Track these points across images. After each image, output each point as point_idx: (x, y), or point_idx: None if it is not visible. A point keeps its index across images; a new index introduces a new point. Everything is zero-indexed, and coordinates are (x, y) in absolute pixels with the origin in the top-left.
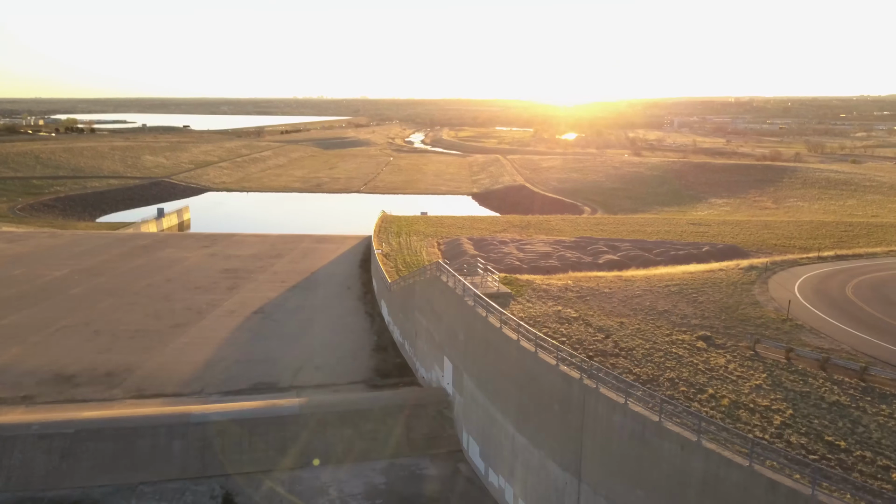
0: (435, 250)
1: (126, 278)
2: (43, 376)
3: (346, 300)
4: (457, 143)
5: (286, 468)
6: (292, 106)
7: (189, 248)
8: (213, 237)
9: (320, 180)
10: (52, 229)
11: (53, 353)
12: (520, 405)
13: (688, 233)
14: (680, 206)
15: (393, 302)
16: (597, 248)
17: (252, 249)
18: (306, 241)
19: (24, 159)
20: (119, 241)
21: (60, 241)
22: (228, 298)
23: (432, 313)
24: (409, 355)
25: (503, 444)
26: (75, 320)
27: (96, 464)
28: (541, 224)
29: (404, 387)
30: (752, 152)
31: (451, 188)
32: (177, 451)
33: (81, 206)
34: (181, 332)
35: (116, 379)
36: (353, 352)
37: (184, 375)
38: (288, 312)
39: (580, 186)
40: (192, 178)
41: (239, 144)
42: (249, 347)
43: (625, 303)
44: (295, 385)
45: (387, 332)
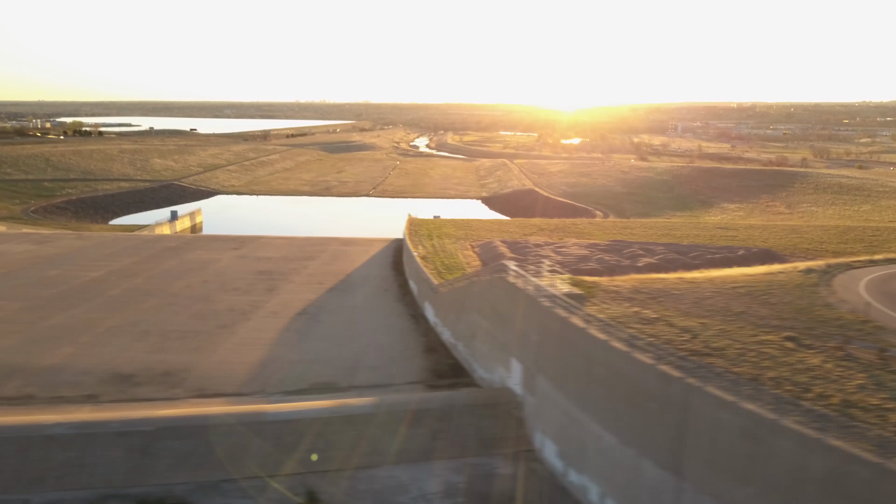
0: (469, 253)
1: (162, 280)
2: (101, 376)
3: (387, 302)
4: (462, 147)
5: (361, 466)
6: (295, 110)
7: (218, 249)
8: (240, 239)
9: (329, 184)
10: (78, 231)
11: (107, 353)
12: (608, 405)
13: (717, 237)
14: (691, 210)
15: (441, 304)
16: (632, 251)
17: (281, 252)
18: (333, 243)
19: (34, 162)
20: (147, 243)
21: (88, 242)
22: (269, 300)
23: (496, 315)
24: (464, 357)
25: (587, 443)
26: (121, 321)
27: (175, 461)
28: (568, 227)
29: (462, 387)
30: (757, 157)
31: (460, 192)
32: (254, 448)
33: (93, 209)
34: (229, 333)
35: (175, 379)
36: (404, 352)
37: (241, 375)
38: (331, 314)
39: (589, 191)
40: (202, 182)
41: (246, 148)
42: (300, 348)
43: (698, 304)
44: (353, 385)
45: (433, 333)
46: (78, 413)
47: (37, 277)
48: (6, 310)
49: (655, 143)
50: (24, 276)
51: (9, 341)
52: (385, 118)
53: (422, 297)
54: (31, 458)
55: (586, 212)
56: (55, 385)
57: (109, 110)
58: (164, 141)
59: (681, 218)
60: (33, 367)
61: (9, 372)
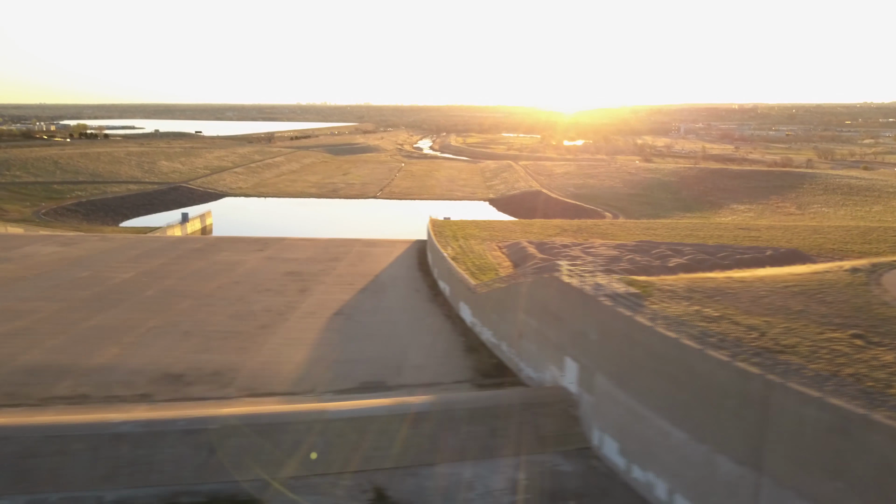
0: (498, 254)
1: (193, 281)
2: (151, 375)
3: (420, 302)
4: (465, 149)
5: (424, 463)
6: (297, 112)
7: (243, 251)
8: (263, 241)
9: (336, 186)
10: (92, 233)
11: (152, 353)
12: (677, 402)
13: (741, 237)
14: (701, 211)
15: (480, 304)
16: (660, 251)
17: (306, 253)
18: (357, 245)
19: (43, 164)
20: (171, 245)
21: (113, 244)
22: (303, 301)
23: (547, 314)
24: (509, 356)
25: (653, 440)
26: (161, 321)
27: (242, 458)
28: (591, 228)
29: (509, 386)
30: (762, 159)
31: (467, 194)
32: (318, 446)
33: (103, 211)
34: (270, 333)
35: (224, 378)
36: (446, 352)
37: (289, 375)
38: (367, 314)
39: (597, 192)
40: (210, 184)
41: (251, 150)
42: (343, 348)
43: (755, 303)
44: (401, 384)
45: (471, 333)
46: (138, 412)
47: (69, 279)
48: (46, 310)
49: (659, 144)
50: (57, 278)
51: (54, 341)
52: (387, 120)
53: (455, 297)
54: (101, 456)
55: (594, 213)
56: (108, 384)
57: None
58: (169, 143)
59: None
60: (82, 367)
61: (59, 372)
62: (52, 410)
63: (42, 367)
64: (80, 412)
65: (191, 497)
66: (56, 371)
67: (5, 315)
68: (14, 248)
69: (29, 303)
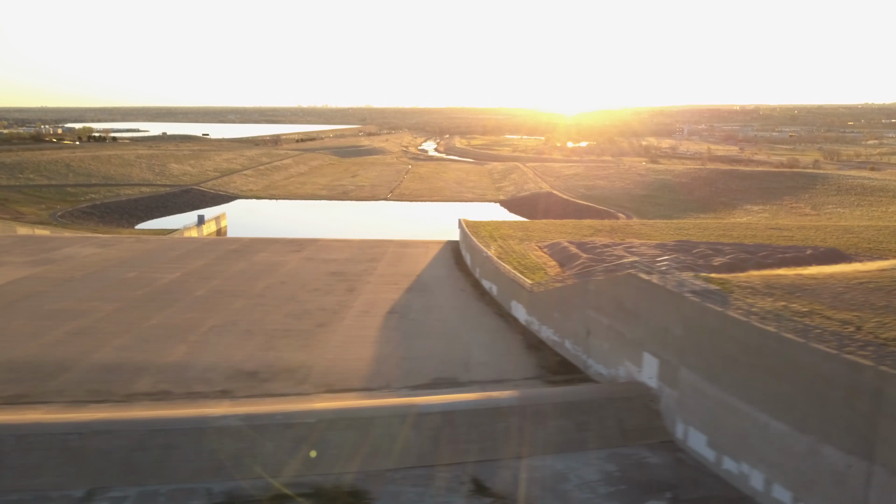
0: (540, 254)
1: (240, 281)
2: (226, 372)
3: (468, 301)
4: (471, 150)
5: (516, 456)
6: (298, 114)
7: (280, 252)
8: (298, 242)
9: (345, 188)
10: (136, 234)
11: (220, 351)
12: (777, 394)
13: (774, 236)
14: (715, 212)
15: (538, 303)
16: (701, 251)
17: (343, 254)
18: (391, 246)
19: (55, 167)
20: (209, 246)
21: (150, 245)
22: (354, 300)
23: (622, 311)
24: (575, 353)
25: (748, 431)
26: (220, 321)
27: (340, 451)
28: (623, 228)
29: (579, 383)
30: (768, 160)
31: (477, 195)
32: (412, 439)
33: (118, 213)
34: (330, 331)
35: (298, 375)
36: (507, 350)
37: (360, 371)
38: (421, 313)
39: (609, 193)
40: (220, 186)
41: (259, 153)
42: (406, 345)
43: (837, 298)
44: (472, 380)
45: (528, 331)
46: (221, 408)
47: (117, 279)
48: (104, 310)
49: (664, 146)
50: (105, 278)
51: (121, 340)
52: (389, 122)
53: (506, 296)
54: (206, 449)
55: (608, 214)
56: (186, 381)
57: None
58: (178, 146)
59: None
60: (156, 365)
61: (136, 369)
62: (138, 406)
63: (117, 365)
64: (170, 407)
65: (297, 489)
66: (132, 368)
67: (66, 315)
68: (53, 249)
69: (86, 303)
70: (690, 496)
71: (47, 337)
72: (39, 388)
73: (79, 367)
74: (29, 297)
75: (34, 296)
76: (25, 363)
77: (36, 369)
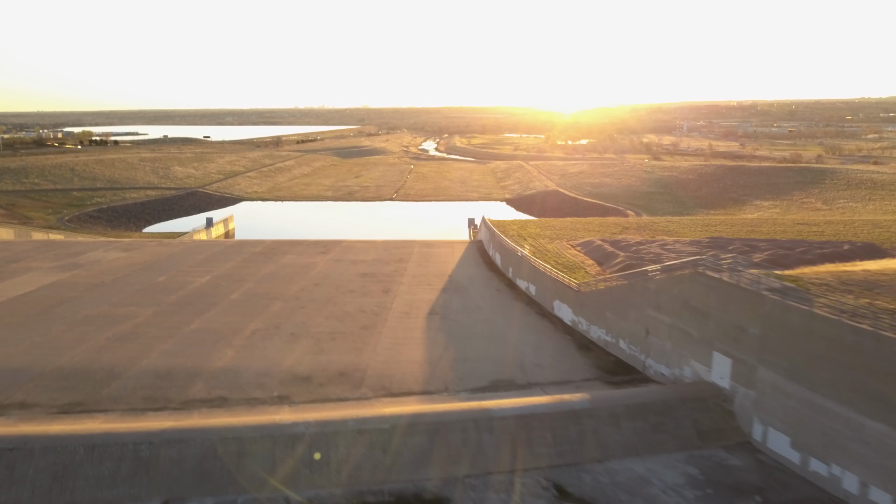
0: (574, 252)
1: (272, 283)
2: (280, 377)
3: (507, 301)
4: (472, 150)
5: (593, 460)
6: (296, 115)
7: (307, 254)
8: (322, 244)
9: (350, 189)
10: (159, 238)
11: (269, 356)
12: (874, 393)
13: (804, 232)
14: (725, 208)
15: (586, 303)
16: (737, 247)
17: (369, 255)
18: (415, 246)
19: (60, 171)
20: (233, 249)
21: (173, 249)
22: (391, 301)
23: (687, 310)
24: (632, 353)
25: (840, 432)
26: (261, 324)
27: (416, 457)
28: (649, 226)
29: (640, 384)
30: (770, 155)
31: (482, 194)
32: (487, 444)
33: (126, 217)
34: (375, 334)
35: (353, 379)
36: (558, 350)
37: (415, 374)
38: (462, 313)
39: (616, 191)
40: (225, 188)
41: (261, 154)
42: (455, 347)
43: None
44: (532, 382)
45: (576, 332)
46: (283, 415)
47: (148, 283)
48: (142, 315)
49: (665, 142)
50: (136, 283)
51: (165, 345)
52: (388, 122)
53: (546, 296)
54: (279, 457)
55: (617, 211)
56: (240, 387)
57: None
58: (180, 149)
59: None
60: (207, 371)
61: (187, 375)
62: (197, 413)
63: (167, 371)
64: (235, 414)
65: (376, 497)
66: (184, 374)
67: (105, 321)
68: (77, 254)
69: (122, 308)
70: (780, 499)
71: (91, 343)
72: (94, 395)
73: (129, 374)
74: (64, 302)
75: (69, 301)
76: (75, 370)
77: (87, 376)
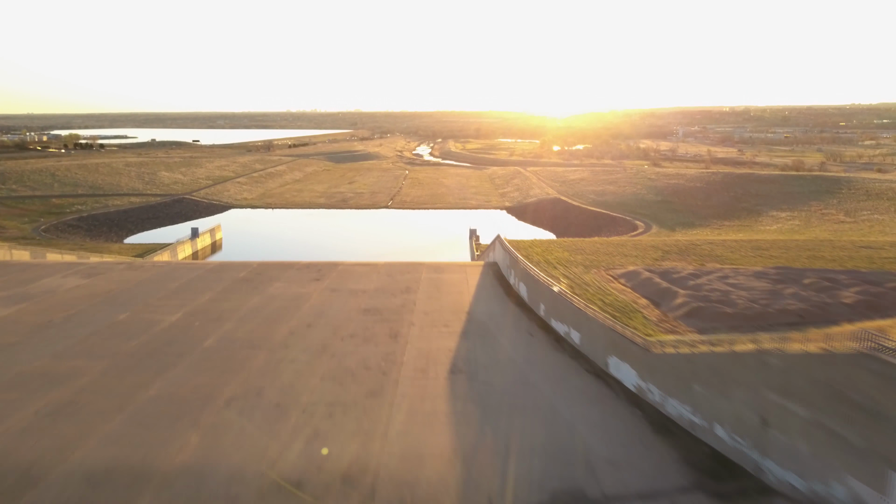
0: (619, 286)
1: (255, 323)
2: (259, 486)
3: (545, 351)
4: (467, 155)
5: None
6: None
7: (298, 281)
8: (316, 267)
9: (344, 195)
10: (127, 257)
11: (247, 443)
12: None
13: (875, 258)
14: (740, 220)
15: (660, 367)
16: (813, 281)
17: (371, 283)
18: (423, 270)
19: (40, 177)
20: (212, 274)
21: (143, 274)
22: (401, 351)
23: (846, 405)
24: (736, 447)
25: None
26: (238, 388)
27: None
28: (695, 250)
29: (759, 496)
30: (770, 161)
31: (481, 202)
32: None
33: (107, 226)
34: (385, 404)
35: (361, 486)
36: (628, 433)
37: (445, 479)
38: (490, 371)
39: (621, 199)
40: (213, 195)
41: (252, 159)
42: (493, 427)
43: None
44: (610, 496)
45: (644, 402)
46: None
47: (106, 323)
48: (89, 373)
49: (663, 148)
50: (91, 322)
51: (110, 425)
52: (381, 127)
53: (597, 349)
54: None
55: (625, 222)
56: (203, 501)
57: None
58: (168, 153)
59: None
60: (160, 471)
61: (131, 478)
62: None
63: (106, 471)
64: None
65: None
66: (127, 477)
67: (41, 382)
68: (31, 280)
69: (66, 361)
70: None
71: (13, 420)
72: None
73: (52, 477)
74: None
75: (2, 350)
76: None
77: None
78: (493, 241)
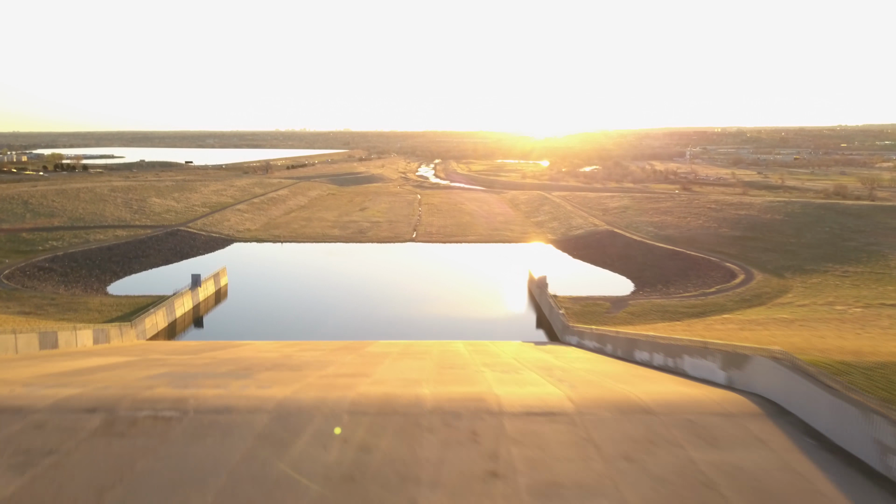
0: None
1: None
2: None
3: None
4: (475, 177)
5: None
6: (279, 138)
7: None
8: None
9: (359, 225)
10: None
11: None
12: None
13: None
14: (858, 262)
15: None
16: None
17: None
18: (505, 418)
19: (10, 206)
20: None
21: (126, 441)
22: None
23: None
24: None
25: None
26: None
27: None
28: None
29: None
30: (802, 186)
31: (517, 233)
32: None
33: (86, 268)
34: None
35: None
36: None
37: None
38: None
39: (688, 234)
40: (212, 226)
41: (250, 182)
42: None
43: None
44: None
45: None
46: None
47: None
48: None
49: (682, 170)
50: None
51: None
52: (375, 146)
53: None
54: None
55: (713, 265)
56: None
57: (87, 141)
58: (158, 176)
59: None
60: None
61: None
62: None
63: None
64: None
65: None
66: None
67: None
68: None
69: None
70: None
71: None
72: None
73: None
74: None
75: None
76: None
77: None
78: (751, 359)
